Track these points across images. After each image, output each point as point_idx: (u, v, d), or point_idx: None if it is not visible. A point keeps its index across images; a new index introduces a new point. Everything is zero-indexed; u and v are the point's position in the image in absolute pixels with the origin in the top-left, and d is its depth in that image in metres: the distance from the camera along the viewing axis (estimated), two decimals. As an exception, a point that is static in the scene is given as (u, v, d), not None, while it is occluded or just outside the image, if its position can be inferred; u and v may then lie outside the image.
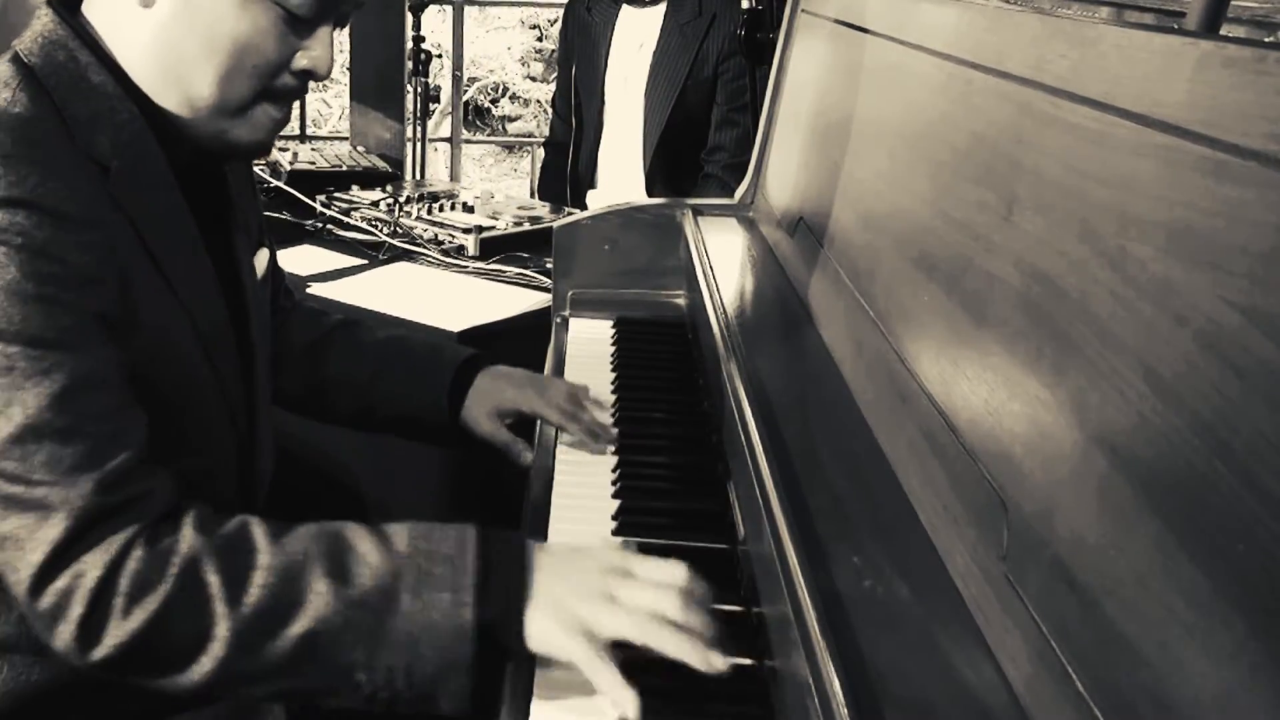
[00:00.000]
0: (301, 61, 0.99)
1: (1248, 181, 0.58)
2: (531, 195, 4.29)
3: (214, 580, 0.82)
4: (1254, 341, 0.55)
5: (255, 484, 1.14)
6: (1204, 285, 0.60)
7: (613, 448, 1.30)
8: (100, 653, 0.82)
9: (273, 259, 1.30)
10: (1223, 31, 1.11)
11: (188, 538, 0.83)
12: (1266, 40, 1.09)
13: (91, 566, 0.81)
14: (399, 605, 0.83)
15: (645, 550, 1.09)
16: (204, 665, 0.82)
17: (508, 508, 1.30)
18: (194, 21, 0.95)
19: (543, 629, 0.84)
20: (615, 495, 1.20)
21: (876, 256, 1.21)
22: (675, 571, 0.88)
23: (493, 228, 2.19)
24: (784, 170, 1.80)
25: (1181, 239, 0.63)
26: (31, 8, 2.57)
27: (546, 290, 1.92)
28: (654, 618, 0.84)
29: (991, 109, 0.96)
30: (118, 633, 0.82)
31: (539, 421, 1.33)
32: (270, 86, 0.99)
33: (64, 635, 0.83)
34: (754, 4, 2.15)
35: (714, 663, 0.83)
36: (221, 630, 0.81)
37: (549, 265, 1.92)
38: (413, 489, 1.83)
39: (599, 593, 0.85)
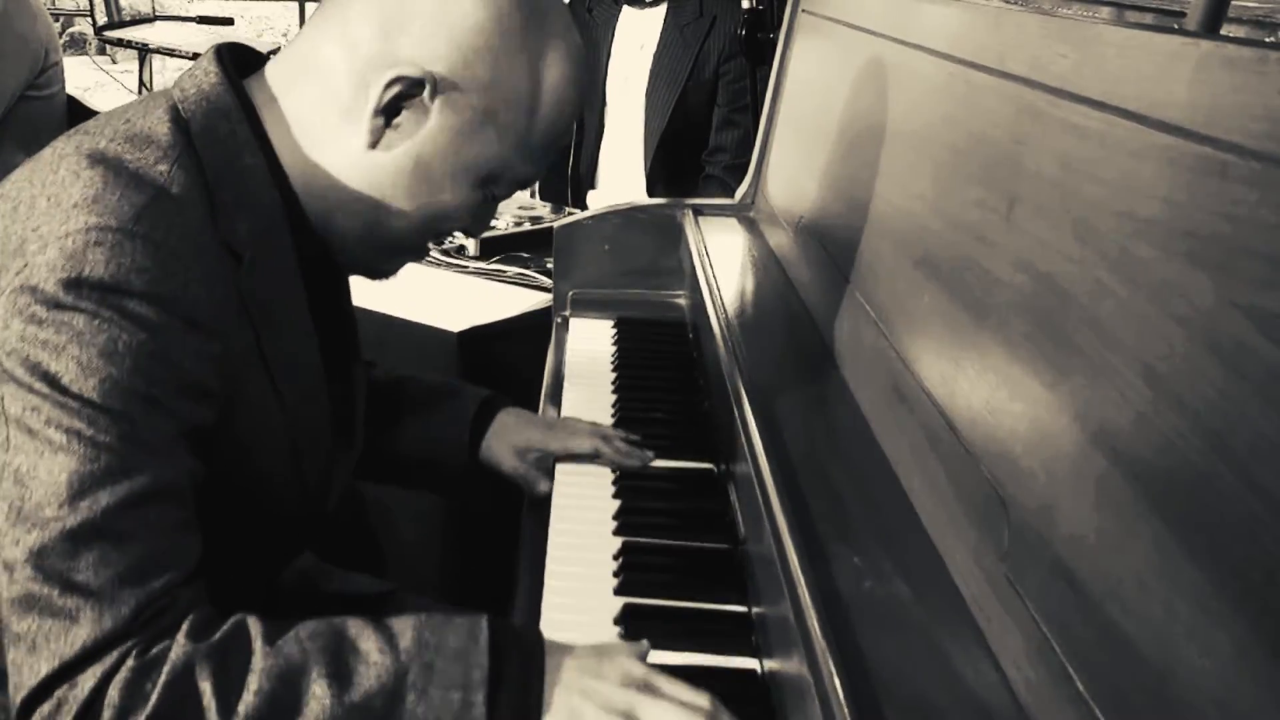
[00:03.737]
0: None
1: (1248, 181, 0.58)
2: (532, 195, 4.29)
3: (206, 688, 0.77)
4: (1254, 341, 0.55)
5: (306, 546, 1.12)
6: (1204, 285, 0.60)
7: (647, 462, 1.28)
8: None
9: None
10: (1223, 31, 1.11)
11: (180, 644, 0.78)
12: (1266, 40, 1.09)
13: (88, 678, 0.76)
14: (404, 706, 0.78)
15: (645, 550, 1.09)
16: None
17: (508, 508, 1.30)
18: (417, 186, 0.95)
19: None
20: (615, 495, 1.20)
21: (877, 256, 1.21)
22: (700, 698, 0.82)
23: (493, 228, 2.19)
24: (785, 170, 1.81)
25: (1181, 239, 0.63)
26: (35, 9, 2.54)
27: (547, 290, 1.92)
28: None
29: (992, 109, 0.96)
30: None
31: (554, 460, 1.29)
32: None
33: None
34: (754, 4, 2.15)
35: None
36: None
37: (549, 265, 1.91)
38: (413, 490, 1.83)
39: (621, 710, 0.81)
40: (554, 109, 0.96)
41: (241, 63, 0.98)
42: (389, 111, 0.92)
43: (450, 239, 2.15)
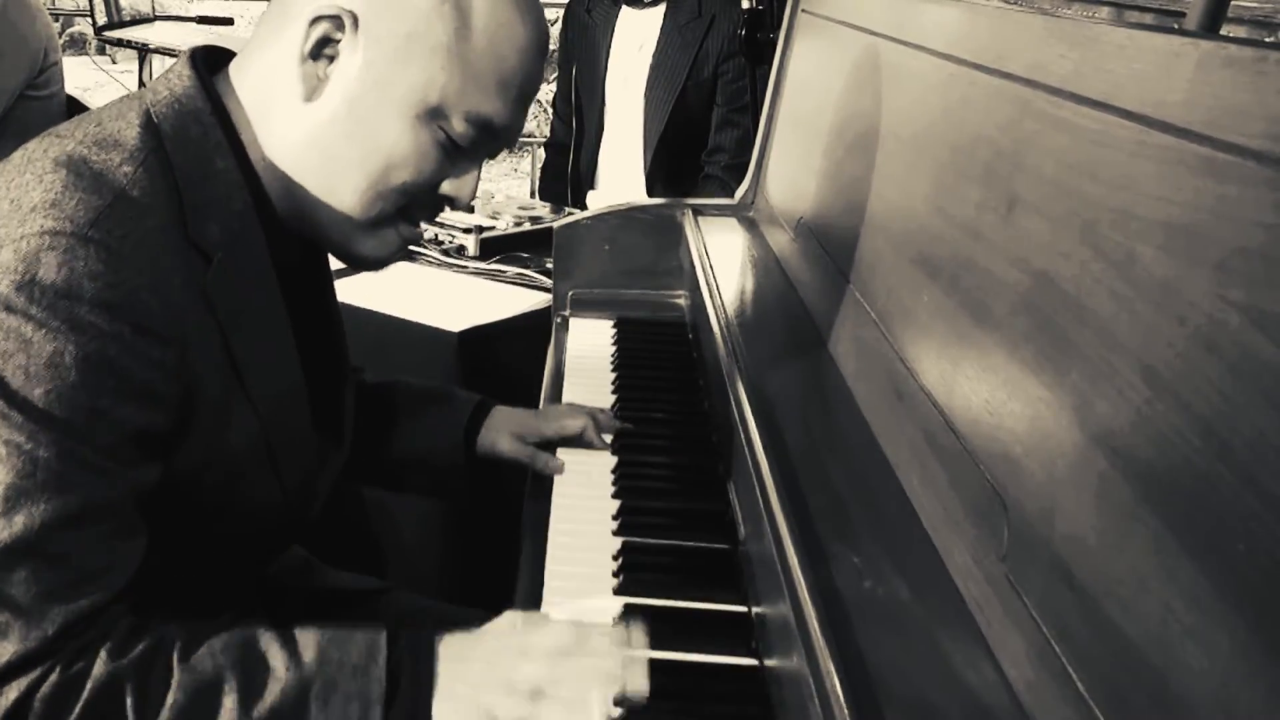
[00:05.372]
0: (447, 188, 0.97)
1: (1248, 181, 0.58)
2: (532, 195, 4.29)
3: (128, 703, 0.80)
4: (1254, 341, 0.55)
5: (291, 542, 1.13)
6: (1204, 285, 0.60)
7: (610, 451, 1.30)
8: None
9: None
10: (1223, 31, 1.11)
11: (103, 661, 0.81)
12: (1266, 40, 1.09)
13: (12, 690, 0.79)
14: (308, 717, 0.83)
15: (645, 550, 1.09)
16: None
17: (507, 507, 1.30)
18: (355, 129, 0.93)
19: None
20: (615, 495, 1.20)
21: (877, 256, 1.21)
22: (563, 638, 0.88)
23: (493, 228, 2.19)
24: (784, 170, 1.81)
25: (1181, 239, 0.63)
26: (34, 9, 2.54)
27: (546, 290, 1.92)
28: (548, 699, 0.85)
29: (992, 109, 0.96)
30: None
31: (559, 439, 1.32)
32: (409, 206, 0.98)
33: None
34: (754, 4, 2.15)
35: None
36: None
37: (549, 265, 1.91)
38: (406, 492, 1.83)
39: (499, 681, 0.86)
40: (489, 21, 0.92)
41: (216, 64, 0.98)
42: (315, 56, 0.92)
43: (450, 238, 2.15)
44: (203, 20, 4.58)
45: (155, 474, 0.87)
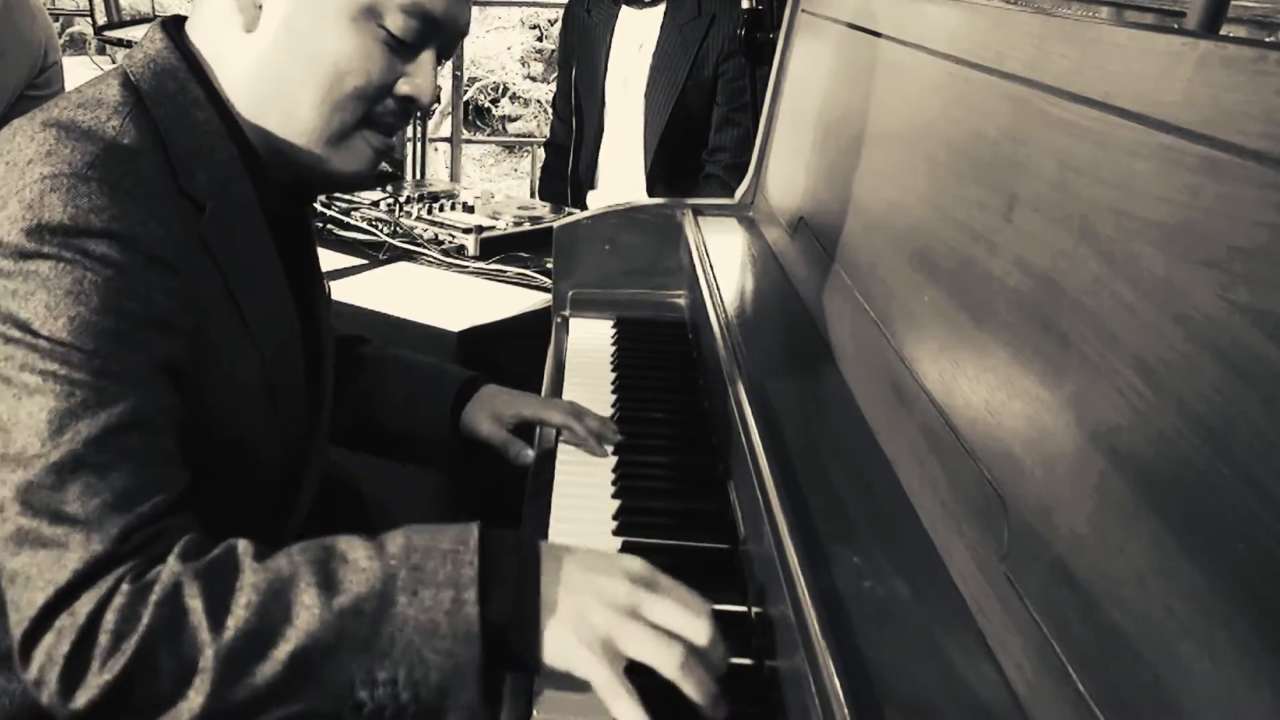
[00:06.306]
0: (403, 88, 0.98)
1: (1248, 181, 0.58)
2: (532, 195, 4.29)
3: (196, 606, 0.77)
4: (1254, 341, 0.55)
5: (290, 514, 1.12)
6: (1203, 285, 0.60)
7: (611, 448, 1.30)
8: (85, 696, 0.76)
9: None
10: (1223, 31, 1.11)
11: (170, 565, 0.78)
12: (1266, 40, 1.09)
13: (85, 603, 0.77)
14: (395, 609, 0.78)
15: (645, 550, 1.09)
16: (194, 700, 0.76)
17: (508, 507, 1.30)
18: (296, 45, 0.95)
19: (563, 643, 0.79)
20: (615, 495, 1.20)
21: (877, 256, 1.21)
22: (699, 601, 0.83)
23: (493, 228, 2.20)
24: (784, 170, 1.81)
25: (1181, 239, 0.63)
26: (34, 9, 2.54)
27: (546, 290, 1.92)
28: (681, 646, 0.79)
29: (992, 108, 0.96)
30: (103, 674, 0.76)
31: (538, 426, 1.33)
32: (371, 114, 0.99)
33: (50, 680, 0.77)
34: (754, 4, 2.16)
35: (720, 715, 0.79)
36: (207, 659, 0.76)
37: (549, 265, 1.92)
38: (413, 489, 1.83)
39: (625, 606, 0.80)
40: None
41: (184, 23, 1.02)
42: None
43: (450, 238, 2.15)
44: (203, 20, 4.55)
45: (180, 409, 0.88)
